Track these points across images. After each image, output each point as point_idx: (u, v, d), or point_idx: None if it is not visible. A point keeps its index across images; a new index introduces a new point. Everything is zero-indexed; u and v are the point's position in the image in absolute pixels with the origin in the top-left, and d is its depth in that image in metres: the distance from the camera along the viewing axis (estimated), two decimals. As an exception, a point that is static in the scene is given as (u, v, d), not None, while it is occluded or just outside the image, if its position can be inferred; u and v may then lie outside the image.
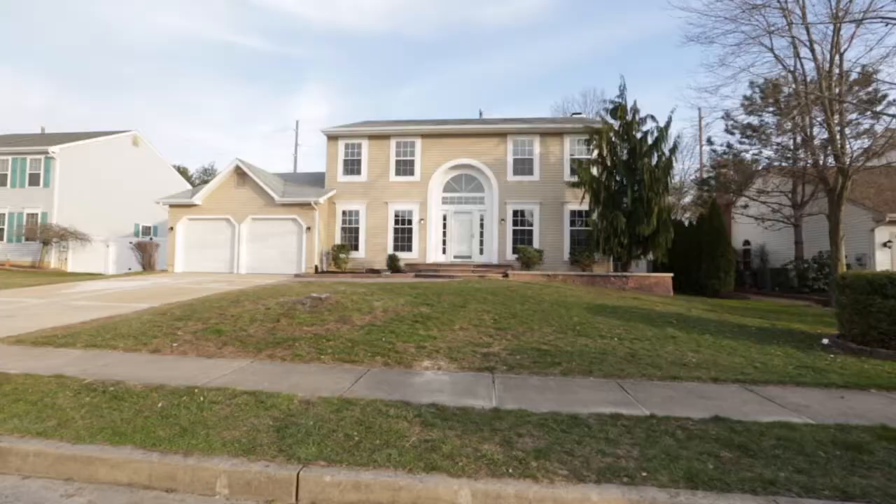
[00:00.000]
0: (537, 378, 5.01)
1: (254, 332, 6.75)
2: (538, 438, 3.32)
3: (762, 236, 20.63)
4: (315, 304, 8.62)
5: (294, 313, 7.93)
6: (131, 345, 6.10)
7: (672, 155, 14.94)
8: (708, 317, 9.62)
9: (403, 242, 18.01)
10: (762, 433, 3.46)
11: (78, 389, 4.17)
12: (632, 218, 14.63)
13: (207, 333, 6.65)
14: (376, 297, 9.62)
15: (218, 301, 9.38)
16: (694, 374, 5.23)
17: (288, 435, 3.29)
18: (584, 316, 8.50)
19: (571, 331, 7.30)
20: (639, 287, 14.44)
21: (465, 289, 11.03)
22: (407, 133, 18.37)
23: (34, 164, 22.51)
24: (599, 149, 15.44)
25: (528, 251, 16.11)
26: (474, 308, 8.70)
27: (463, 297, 9.74)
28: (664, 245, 14.74)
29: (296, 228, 17.41)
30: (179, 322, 7.40)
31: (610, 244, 14.69)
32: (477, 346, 6.26)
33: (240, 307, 8.55)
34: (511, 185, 17.69)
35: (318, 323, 7.36)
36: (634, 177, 15.07)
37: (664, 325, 8.13)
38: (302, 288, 11.70)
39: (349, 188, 18.47)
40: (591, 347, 6.32)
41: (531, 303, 9.54)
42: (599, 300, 10.79)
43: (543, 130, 17.83)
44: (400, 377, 4.97)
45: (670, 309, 10.31)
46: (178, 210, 18.16)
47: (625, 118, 15.34)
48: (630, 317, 8.74)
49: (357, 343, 6.24)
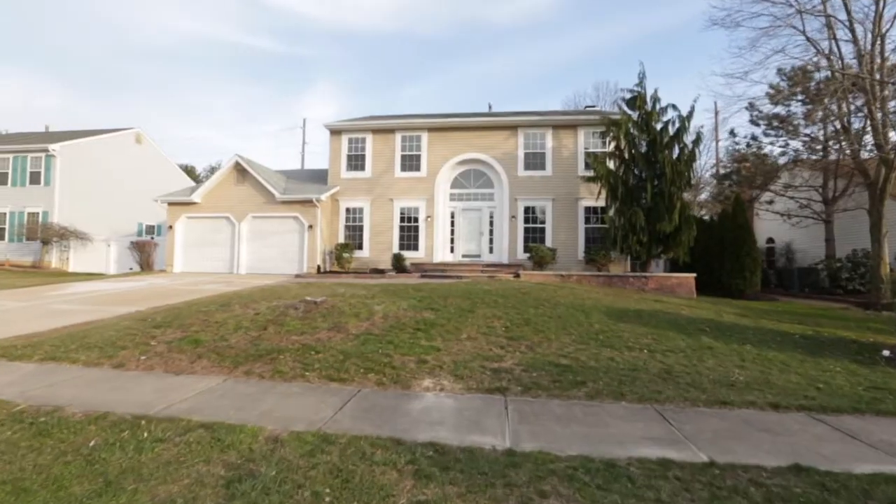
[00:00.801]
0: (559, 403, 4.19)
1: (235, 343, 6.01)
2: (567, 501, 2.51)
3: (788, 233, 19.49)
4: (308, 309, 7.87)
5: (284, 320, 7.19)
6: (94, 358, 5.39)
7: (695, 147, 13.95)
8: (743, 323, 8.69)
9: (409, 241, 17.23)
10: (866, 493, 2.60)
11: (1, 420, 3.45)
12: (651, 214, 13.68)
13: (184, 344, 5.92)
14: (377, 301, 8.85)
15: (207, 305, 8.70)
16: (746, 397, 4.36)
17: (239, 494, 2.52)
18: (605, 322, 7.64)
19: (593, 340, 6.45)
20: (659, 288, 13.48)
21: (474, 291, 10.22)
22: (412, 127, 17.57)
23: (35, 162, 22.15)
24: (617, 141, 14.48)
25: (541, 250, 15.22)
26: (483, 313, 7.89)
27: (471, 301, 8.93)
28: (687, 243, 13.76)
29: (297, 227, 16.73)
30: (158, 329, 6.70)
31: (628, 242, 13.75)
32: (486, 360, 5.44)
33: (227, 312, 7.83)
34: (522, 180, 16.81)
35: (309, 331, 6.60)
36: (654, 170, 14.10)
37: (697, 332, 7.24)
38: (300, 290, 10.99)
39: (353, 185, 17.74)
40: (619, 362, 5.47)
41: (546, 307, 8.69)
42: (620, 303, 9.90)
43: (556, 123, 16.91)
44: (394, 401, 4.18)
45: (699, 313, 9.39)
46: (176, 208, 17.59)
47: (644, 108, 14.36)
48: (657, 323, 7.85)
49: (349, 356, 5.46)
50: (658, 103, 14.01)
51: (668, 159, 13.45)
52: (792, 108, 17.13)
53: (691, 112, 13.88)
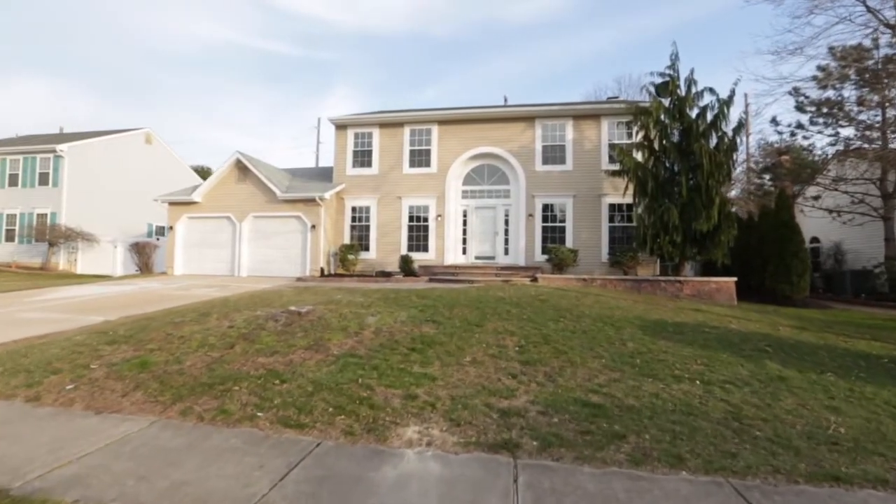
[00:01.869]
0: (591, 473, 2.96)
1: (190, 366, 4.97)
2: None
3: (837, 232, 17.62)
4: (290, 322, 6.80)
5: (258, 335, 6.13)
6: (13, 386, 4.41)
7: (736, 135, 12.41)
8: (806, 339, 7.25)
9: (418, 241, 16.11)
10: None
11: None
12: (686, 211, 12.21)
13: (128, 367, 4.90)
14: (373, 310, 7.74)
15: (184, 314, 7.73)
16: (863, 465, 3.05)
17: None
18: (640, 339, 6.34)
19: (629, 365, 5.18)
20: (696, 294, 12.01)
21: (485, 298, 9.01)
22: (422, 119, 16.44)
23: (44, 163, 21.89)
24: (646, 130, 13.05)
25: (561, 251, 13.89)
26: (494, 328, 6.68)
27: (480, 311, 7.74)
28: (726, 243, 12.25)
29: (300, 227, 15.80)
30: (110, 347, 5.72)
31: (659, 243, 12.31)
32: (493, 395, 4.25)
33: (200, 324, 6.83)
34: (540, 175, 15.50)
35: (283, 350, 5.51)
36: (688, 162, 12.63)
37: (757, 354, 5.88)
38: (294, 296, 9.99)
39: (359, 182, 16.72)
40: (667, 400, 4.20)
41: (568, 318, 7.43)
42: (654, 314, 8.55)
43: (577, 112, 15.53)
44: (360, 467, 3.03)
45: (750, 327, 7.97)
46: (177, 208, 16.90)
47: (676, 93, 12.89)
48: (704, 340, 6.51)
49: (320, 388, 4.34)
50: (694, 86, 12.53)
51: (705, 149, 11.96)
52: (844, 91, 15.35)
53: (731, 96, 12.36)
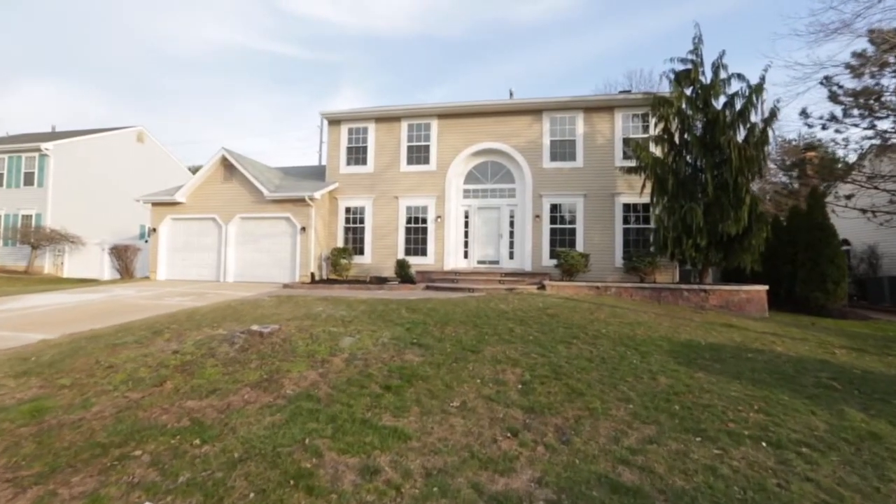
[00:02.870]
0: None
1: (94, 414, 3.84)
2: None
3: (872, 234, 16.19)
4: (248, 345, 5.67)
5: (201, 366, 5.00)
6: None
7: (767, 126, 11.10)
8: (874, 367, 5.96)
9: (416, 245, 14.96)
10: None
11: None
12: (711, 212, 10.95)
13: (12, 417, 3.78)
14: (352, 329, 6.60)
15: (132, 332, 6.64)
16: None
17: None
18: (673, 371, 5.12)
19: (666, 413, 3.97)
20: (724, 305, 10.73)
21: (485, 313, 7.83)
22: (420, 113, 15.28)
23: (29, 162, 21.04)
24: (665, 122, 11.77)
25: (571, 256, 12.64)
26: (492, 353, 5.50)
27: (478, 330, 6.56)
28: (758, 247, 10.96)
29: (289, 229, 14.71)
30: (14, 382, 4.60)
31: (682, 247, 11.04)
32: (485, 468, 3.07)
33: (143, 347, 5.73)
34: (548, 173, 14.28)
35: (224, 388, 4.38)
36: (714, 157, 11.36)
37: (824, 393, 4.64)
38: (272, 306, 8.90)
39: (353, 181, 15.60)
40: (729, 478, 2.98)
41: (582, 341, 6.22)
42: (682, 332, 7.31)
43: (588, 105, 14.28)
44: None
45: (798, 349, 6.70)
46: (160, 209, 15.90)
47: (699, 81, 11.62)
48: (751, 371, 5.28)
49: (250, 453, 3.18)
50: (723, 71, 11.23)
51: (733, 142, 10.69)
52: (882, 79, 13.95)
53: (761, 83, 11.04)
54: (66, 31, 68.07)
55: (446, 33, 67.78)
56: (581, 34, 62.44)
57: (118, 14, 65.94)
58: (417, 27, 68.59)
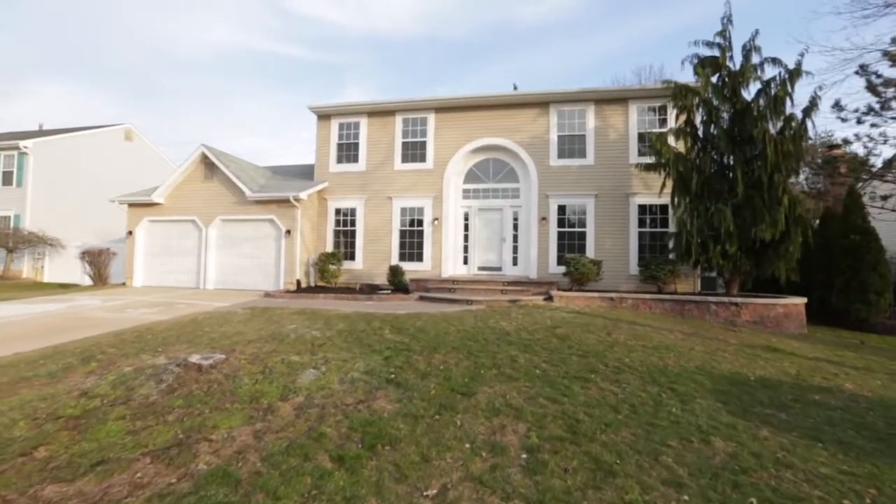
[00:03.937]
0: None
1: None
2: None
3: (911, 239, 14.75)
4: (176, 385, 4.45)
5: (102, 420, 3.79)
6: None
7: (806, 117, 9.78)
8: (979, 414, 4.67)
9: (411, 249, 13.73)
10: None
11: None
12: (741, 213, 9.65)
13: None
14: (318, 358, 5.37)
15: (55, 359, 5.47)
16: None
17: None
18: (729, 426, 3.85)
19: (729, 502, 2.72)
20: (758, 320, 9.40)
21: (483, 334, 6.59)
22: (416, 107, 14.06)
23: (7, 161, 20.00)
24: (688, 113, 10.50)
25: (581, 263, 11.35)
26: (488, 396, 4.26)
27: (473, 360, 5.32)
28: (795, 254, 9.64)
29: (274, 232, 13.52)
30: None
31: (708, 253, 9.75)
32: None
33: (49, 385, 4.54)
34: (555, 171, 13.01)
35: (115, 459, 3.16)
36: (744, 153, 10.06)
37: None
38: (241, 322, 7.74)
39: (344, 180, 14.41)
40: None
41: (601, 375, 4.96)
42: (722, 360, 6.03)
43: (600, 97, 12.99)
44: None
45: (873, 386, 5.39)
46: (136, 210, 14.79)
47: (726, 67, 10.33)
48: (831, 427, 4.00)
49: None
50: (756, 54, 9.93)
51: (769, 136, 9.39)
52: (926, 69, 12.56)
53: (799, 67, 9.72)
54: (66, 31, 67.55)
55: (449, 34, 66.58)
56: (585, 33, 60.94)
57: (117, 14, 65.32)
58: (420, 28, 67.43)
